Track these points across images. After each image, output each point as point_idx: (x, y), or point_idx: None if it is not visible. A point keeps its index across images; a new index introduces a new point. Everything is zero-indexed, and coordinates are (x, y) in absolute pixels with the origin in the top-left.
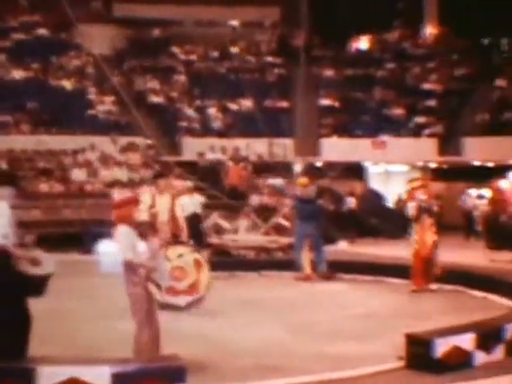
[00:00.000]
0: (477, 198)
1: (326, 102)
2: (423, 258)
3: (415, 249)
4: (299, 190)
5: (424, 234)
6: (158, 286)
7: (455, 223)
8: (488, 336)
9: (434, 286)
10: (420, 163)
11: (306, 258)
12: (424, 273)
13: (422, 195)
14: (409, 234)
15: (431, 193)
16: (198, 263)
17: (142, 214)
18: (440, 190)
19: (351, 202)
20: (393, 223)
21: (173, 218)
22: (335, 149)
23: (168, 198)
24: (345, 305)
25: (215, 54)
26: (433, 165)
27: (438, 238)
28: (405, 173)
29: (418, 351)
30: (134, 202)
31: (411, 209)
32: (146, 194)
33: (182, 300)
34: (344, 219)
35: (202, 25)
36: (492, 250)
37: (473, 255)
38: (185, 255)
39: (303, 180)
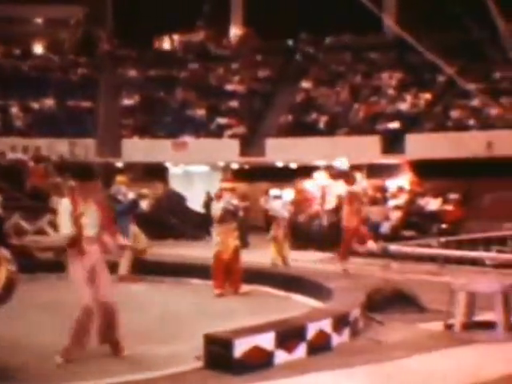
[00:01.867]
0: (275, 198)
1: (128, 102)
2: (224, 260)
3: (217, 251)
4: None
5: (227, 237)
6: None
7: (258, 224)
8: (289, 335)
9: (236, 288)
10: (222, 164)
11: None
12: (225, 275)
13: (230, 197)
14: (210, 235)
15: (239, 195)
16: None
17: None
18: (243, 191)
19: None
20: (194, 224)
21: None
22: (136, 149)
23: None
24: (145, 306)
25: (18, 51)
26: (235, 165)
27: (240, 243)
28: (207, 174)
29: (218, 351)
30: None
31: (217, 210)
32: None
33: None
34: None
35: (4, 21)
36: (295, 250)
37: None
38: None
39: (121, 178)
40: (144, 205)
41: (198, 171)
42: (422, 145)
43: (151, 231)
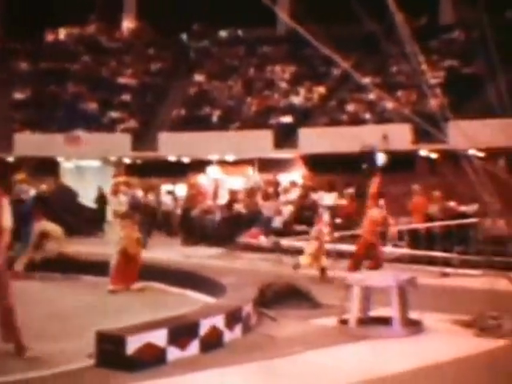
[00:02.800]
0: (167, 193)
1: (19, 96)
2: (129, 255)
3: (123, 247)
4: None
5: (131, 231)
6: None
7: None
8: (181, 332)
9: (130, 284)
10: (114, 158)
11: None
12: (127, 271)
13: (128, 190)
14: (103, 230)
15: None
16: None
17: None
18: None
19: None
20: (86, 220)
21: None
22: (28, 144)
23: None
24: (39, 303)
25: None
26: (127, 160)
27: (140, 235)
28: (99, 168)
29: (110, 349)
30: None
31: (118, 204)
32: None
33: None
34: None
35: None
36: (188, 246)
37: (171, 252)
38: None
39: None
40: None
41: (89, 166)
42: (315, 139)
43: None
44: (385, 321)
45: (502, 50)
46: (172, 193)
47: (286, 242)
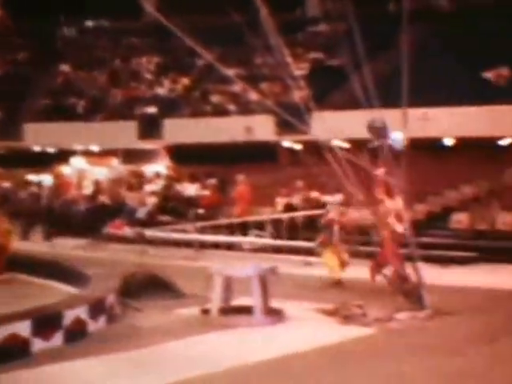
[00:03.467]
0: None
1: None
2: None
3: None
4: None
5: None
6: None
7: None
8: (46, 323)
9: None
10: None
11: None
12: None
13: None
14: None
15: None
16: None
17: None
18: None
19: None
20: None
21: None
22: None
23: None
24: None
25: None
26: None
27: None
28: None
29: None
30: None
31: None
32: None
33: None
34: None
35: None
36: (49, 238)
37: (36, 242)
38: None
39: None
40: None
41: None
42: (180, 130)
43: None
44: (247, 310)
45: (368, 42)
46: (38, 184)
47: (150, 232)
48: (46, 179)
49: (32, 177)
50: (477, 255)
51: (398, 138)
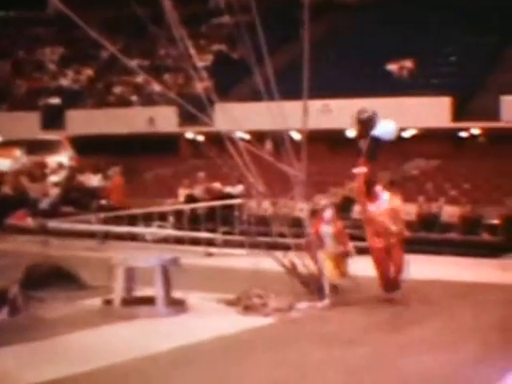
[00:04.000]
0: None
1: None
2: None
3: None
4: None
5: None
6: None
7: None
8: None
9: None
10: None
11: None
12: None
13: None
14: None
15: None
16: None
17: None
18: None
19: None
20: None
21: None
22: None
23: None
24: None
25: None
26: None
27: None
28: None
29: None
30: None
31: None
32: None
33: None
34: None
35: None
36: None
37: None
38: None
39: None
40: None
41: None
42: (83, 121)
43: None
44: (149, 300)
45: (271, 34)
46: None
47: (53, 223)
48: None
49: None
50: None
51: (389, 128)
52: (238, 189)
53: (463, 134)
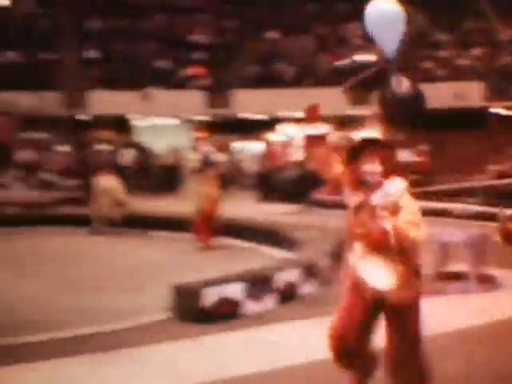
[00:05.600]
0: (243, 151)
1: (92, 53)
2: (208, 211)
3: (201, 203)
4: None
5: (208, 187)
6: None
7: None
8: (257, 286)
9: (210, 241)
10: (189, 116)
11: None
12: (207, 227)
13: (207, 147)
14: (178, 187)
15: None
16: None
17: None
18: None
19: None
20: (157, 178)
21: None
22: (102, 102)
23: None
24: (114, 258)
25: None
26: (201, 118)
27: (219, 192)
28: (172, 126)
29: (186, 302)
30: None
31: (193, 161)
32: None
33: None
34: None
35: None
36: (264, 203)
37: (245, 208)
38: None
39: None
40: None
41: (163, 124)
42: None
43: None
44: (460, 276)
45: None
46: (249, 151)
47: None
48: (252, 146)
49: (236, 144)
50: None
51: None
52: None
53: None
